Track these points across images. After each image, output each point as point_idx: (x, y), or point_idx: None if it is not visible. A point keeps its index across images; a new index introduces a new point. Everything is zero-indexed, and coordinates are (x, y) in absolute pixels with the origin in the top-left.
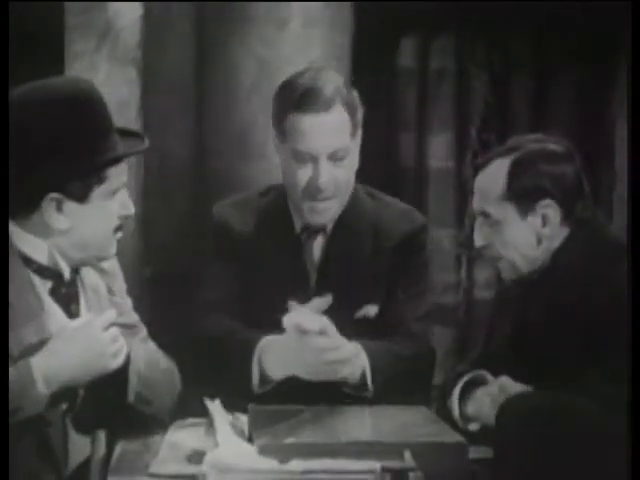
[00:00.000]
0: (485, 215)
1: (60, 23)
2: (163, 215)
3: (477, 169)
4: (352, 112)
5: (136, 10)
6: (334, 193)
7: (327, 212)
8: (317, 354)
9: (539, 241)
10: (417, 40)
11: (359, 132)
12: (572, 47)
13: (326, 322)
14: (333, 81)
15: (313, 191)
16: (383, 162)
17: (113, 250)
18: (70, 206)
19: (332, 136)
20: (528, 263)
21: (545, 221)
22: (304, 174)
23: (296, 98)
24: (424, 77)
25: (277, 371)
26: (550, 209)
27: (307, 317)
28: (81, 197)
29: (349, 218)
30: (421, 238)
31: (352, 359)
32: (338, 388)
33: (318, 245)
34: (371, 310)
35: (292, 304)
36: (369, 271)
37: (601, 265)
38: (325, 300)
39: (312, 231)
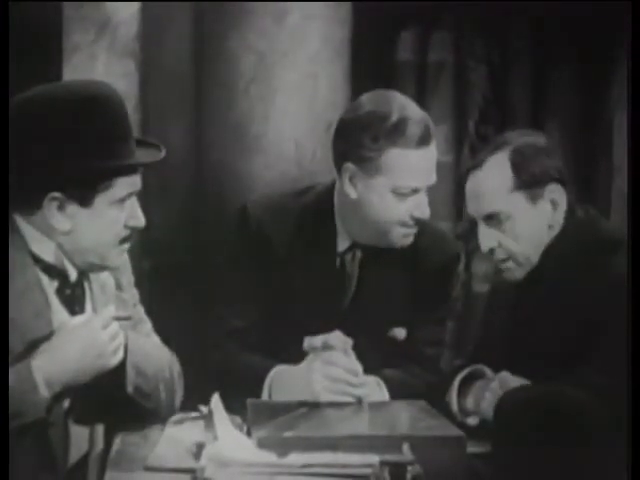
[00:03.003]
0: (489, 217)
1: (58, 15)
2: (161, 207)
3: (468, 174)
4: None
5: (134, 3)
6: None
7: (412, 235)
8: (334, 371)
9: (550, 227)
10: (416, 34)
11: None
12: (571, 41)
13: (350, 348)
14: (418, 110)
15: (412, 221)
16: None
17: (118, 261)
18: (72, 208)
19: (434, 168)
20: (539, 253)
21: (555, 205)
22: (404, 207)
23: (393, 131)
24: (422, 71)
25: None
26: (557, 193)
27: (334, 335)
28: (84, 200)
29: None
30: (453, 267)
31: (366, 388)
32: None
33: (358, 264)
34: (400, 333)
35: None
36: (402, 294)
37: (595, 256)
38: (348, 340)
39: (358, 250)
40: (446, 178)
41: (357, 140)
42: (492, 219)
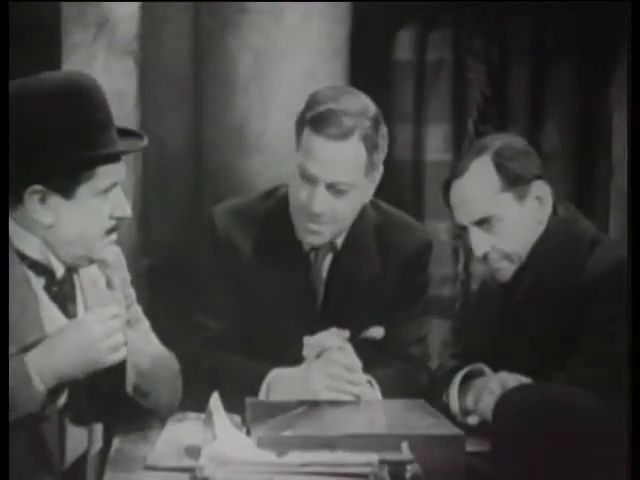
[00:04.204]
0: (481, 222)
1: (57, 14)
2: (160, 206)
3: (450, 182)
4: (371, 148)
5: (133, 2)
6: (329, 221)
7: (321, 235)
8: (332, 367)
9: (539, 223)
10: (414, 32)
11: (378, 171)
12: (571, 40)
13: (347, 344)
14: (358, 110)
15: (307, 213)
16: None
17: (105, 252)
18: (55, 200)
19: (338, 167)
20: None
21: (541, 202)
22: (303, 193)
23: (314, 115)
24: (421, 69)
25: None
26: (542, 189)
27: (328, 335)
28: (66, 192)
29: (355, 235)
30: (425, 257)
31: (364, 386)
32: None
33: (326, 264)
34: (377, 332)
35: (307, 338)
36: (376, 291)
37: (574, 254)
38: (343, 333)
39: (322, 249)
40: (445, 176)
41: (298, 118)
42: (484, 223)
